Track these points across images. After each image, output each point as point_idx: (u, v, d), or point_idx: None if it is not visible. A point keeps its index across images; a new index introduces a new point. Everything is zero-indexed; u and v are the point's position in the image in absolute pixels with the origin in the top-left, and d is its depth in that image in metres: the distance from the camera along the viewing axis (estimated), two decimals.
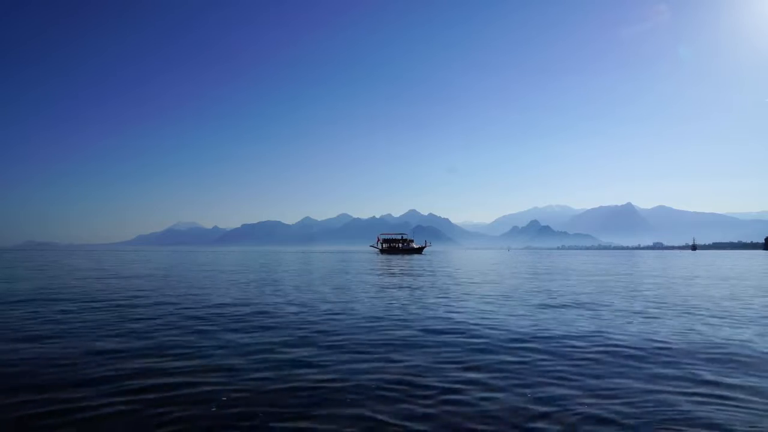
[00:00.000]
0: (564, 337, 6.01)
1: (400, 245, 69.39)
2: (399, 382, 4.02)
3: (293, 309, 8.58)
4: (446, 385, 3.94)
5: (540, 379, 4.14)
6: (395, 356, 4.96)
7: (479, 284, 14.41)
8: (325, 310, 8.38)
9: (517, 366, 4.57)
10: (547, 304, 9.53)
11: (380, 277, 17.99)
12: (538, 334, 6.17)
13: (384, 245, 70.24)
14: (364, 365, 4.58)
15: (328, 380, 4.10)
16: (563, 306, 9.20)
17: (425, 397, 3.66)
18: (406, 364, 4.63)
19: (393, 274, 19.96)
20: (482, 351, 5.23)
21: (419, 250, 70.45)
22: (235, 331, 6.39)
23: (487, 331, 6.42)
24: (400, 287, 13.14)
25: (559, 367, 4.52)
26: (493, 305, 9.23)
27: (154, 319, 7.40)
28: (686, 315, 8.10)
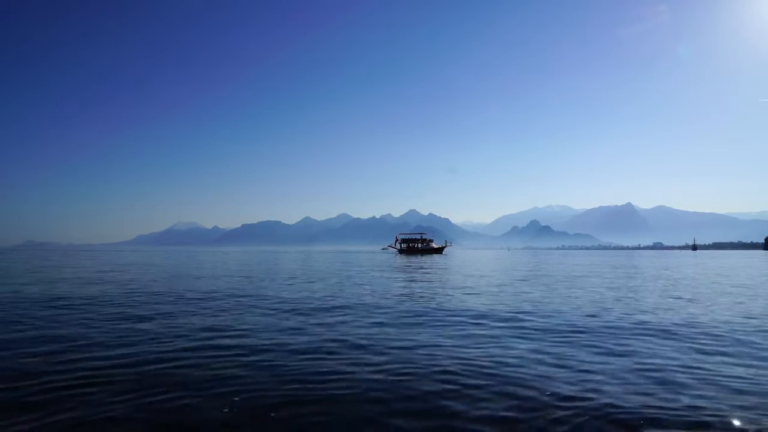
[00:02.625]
0: None
1: (419, 245, 69.26)
2: None
3: None
4: None
5: None
6: None
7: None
8: None
9: None
10: None
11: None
12: None
13: (402, 245, 70.23)
14: None
15: None
16: None
17: None
18: None
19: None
20: None
21: (439, 250, 70.00)
22: None
23: None
24: None
25: None
26: None
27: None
28: None
